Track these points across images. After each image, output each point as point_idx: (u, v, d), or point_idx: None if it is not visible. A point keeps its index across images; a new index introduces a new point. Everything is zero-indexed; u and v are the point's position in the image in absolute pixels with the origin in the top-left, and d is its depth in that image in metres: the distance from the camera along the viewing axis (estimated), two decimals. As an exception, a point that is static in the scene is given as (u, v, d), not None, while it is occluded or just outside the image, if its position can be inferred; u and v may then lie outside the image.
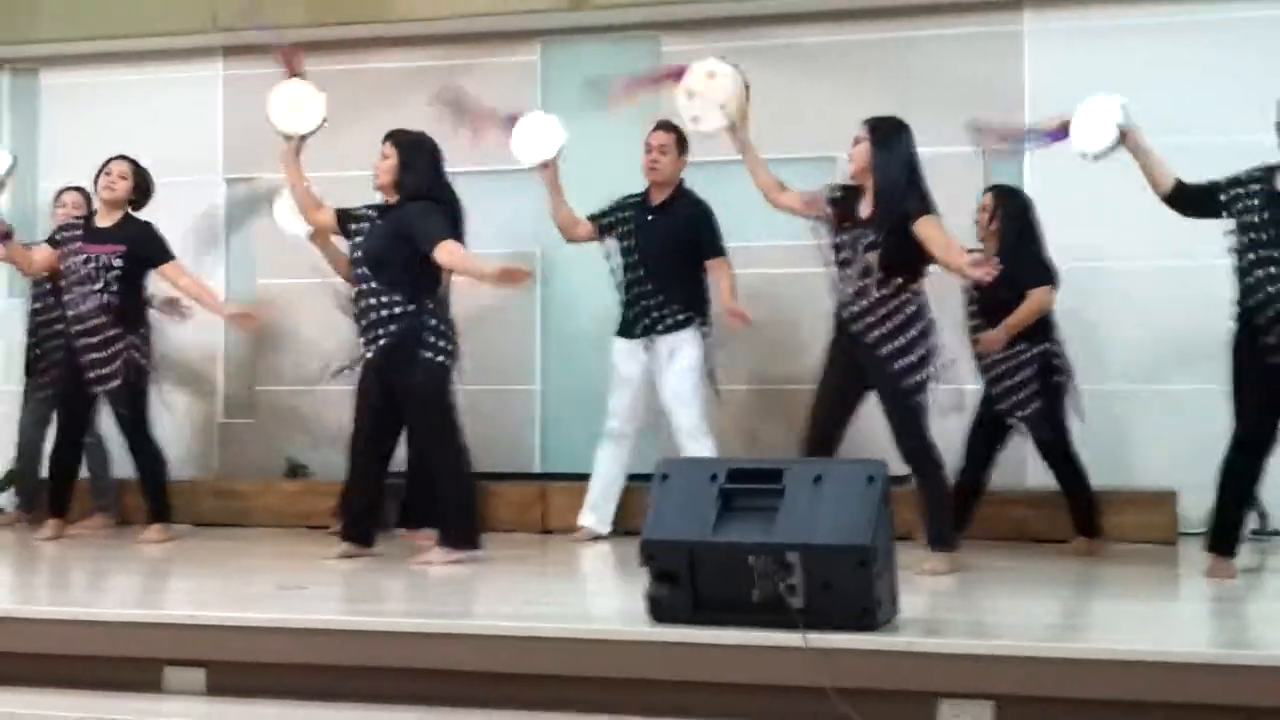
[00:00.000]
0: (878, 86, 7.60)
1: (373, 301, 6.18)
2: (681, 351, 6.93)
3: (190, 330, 7.88)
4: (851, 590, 4.13)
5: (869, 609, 4.14)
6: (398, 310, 6.14)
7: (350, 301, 6.42)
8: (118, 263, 7.06)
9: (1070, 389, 6.62)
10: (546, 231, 8.00)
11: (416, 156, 6.35)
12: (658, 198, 7.10)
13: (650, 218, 7.06)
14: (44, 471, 7.53)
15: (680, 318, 6.95)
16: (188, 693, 4.43)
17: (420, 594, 5.49)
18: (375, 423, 6.24)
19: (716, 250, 7.02)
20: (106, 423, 7.42)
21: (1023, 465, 7.16)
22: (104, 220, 7.24)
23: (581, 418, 7.93)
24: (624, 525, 7.06)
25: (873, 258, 5.77)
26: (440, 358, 6.16)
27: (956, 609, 5.05)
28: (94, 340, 7.00)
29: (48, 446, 7.51)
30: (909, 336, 5.77)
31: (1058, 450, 6.63)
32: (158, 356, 7.29)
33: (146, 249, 7.16)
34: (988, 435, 6.65)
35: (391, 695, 4.32)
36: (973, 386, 6.68)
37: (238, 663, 4.44)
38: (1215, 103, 7.13)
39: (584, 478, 7.64)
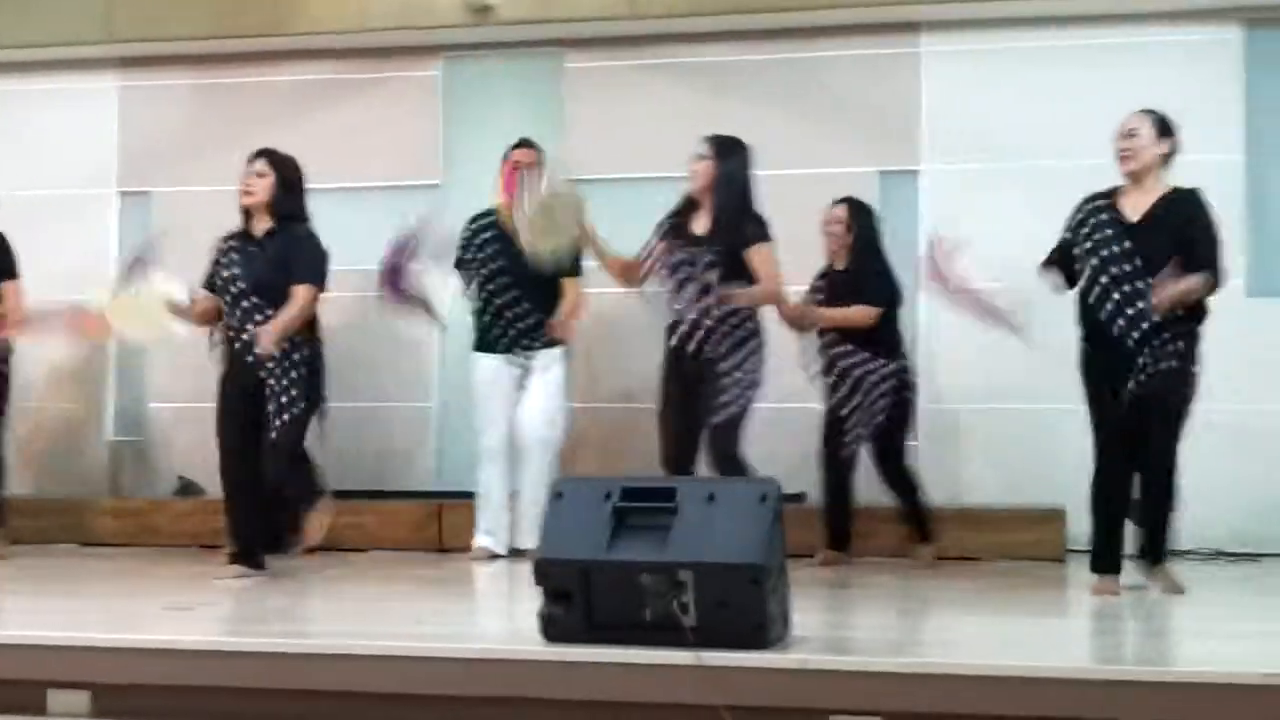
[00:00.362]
0: (779, 104, 7.69)
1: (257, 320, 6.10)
2: (553, 369, 6.97)
3: (80, 345, 7.78)
4: (744, 608, 4.13)
5: (761, 626, 4.15)
6: (297, 338, 6.07)
7: (225, 331, 6.25)
8: None
9: (915, 406, 6.85)
10: (445, 248, 7.99)
11: (294, 178, 6.27)
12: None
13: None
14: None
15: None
16: (72, 715, 4.34)
17: (310, 614, 5.44)
18: (247, 441, 6.14)
19: (577, 270, 7.00)
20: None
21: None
22: None
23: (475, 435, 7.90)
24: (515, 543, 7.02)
25: (713, 275, 5.85)
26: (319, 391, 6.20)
27: (848, 626, 5.09)
28: None
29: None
30: (746, 352, 5.91)
31: (893, 463, 6.77)
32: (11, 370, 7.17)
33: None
34: (835, 444, 6.75)
35: (280, 717, 4.25)
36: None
37: (123, 685, 4.35)
38: (1110, 124, 7.26)
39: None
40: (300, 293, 6.08)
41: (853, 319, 6.65)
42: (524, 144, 7.11)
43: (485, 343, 7.07)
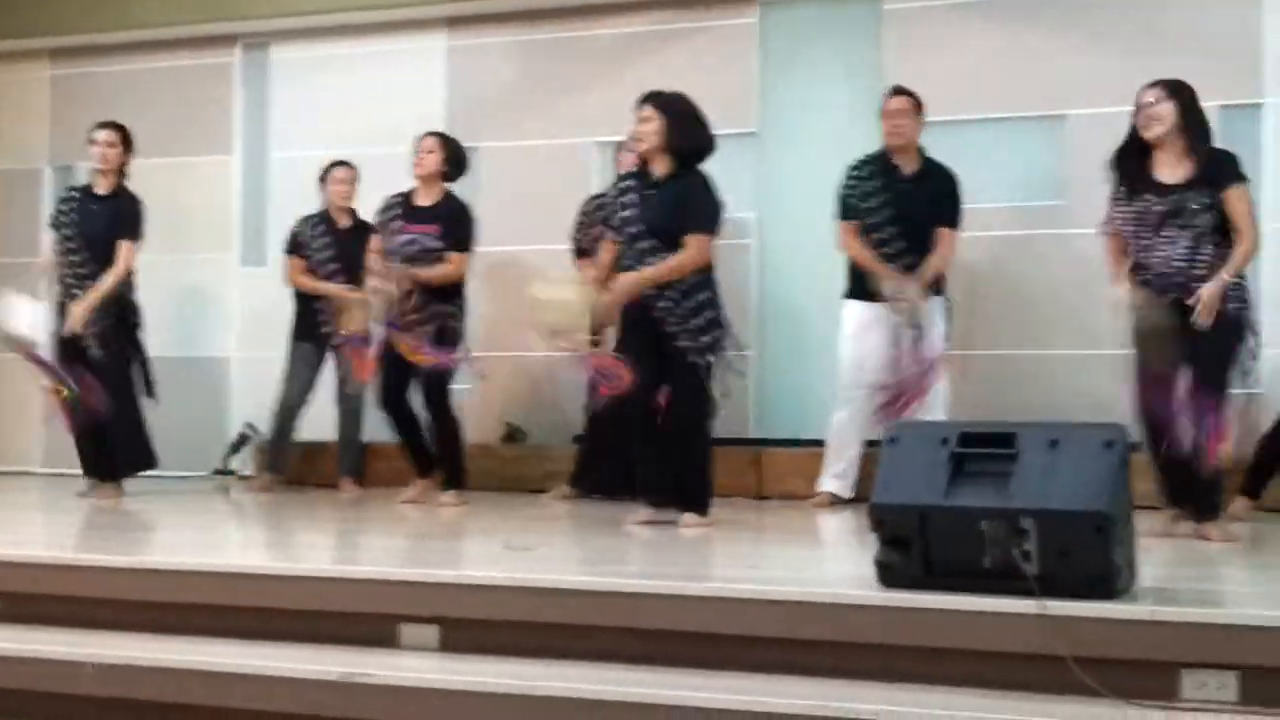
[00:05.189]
0: (1107, 39, 7.40)
1: (651, 261, 6.00)
2: (934, 319, 6.81)
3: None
4: (1089, 557, 4.02)
5: (1107, 577, 4.03)
6: (694, 279, 5.99)
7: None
8: (436, 243, 7.20)
9: None
10: (762, 195, 8.00)
11: (684, 118, 6.10)
12: (907, 163, 6.95)
13: (903, 184, 6.90)
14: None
15: (935, 286, 6.82)
16: (422, 648, 4.53)
17: (645, 555, 5.52)
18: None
19: (954, 220, 6.91)
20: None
21: None
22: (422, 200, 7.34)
23: (796, 382, 7.89)
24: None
25: (1205, 221, 5.59)
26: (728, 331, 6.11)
27: (1197, 578, 4.88)
28: None
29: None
30: (1240, 310, 5.61)
31: None
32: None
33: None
34: None
35: (618, 655, 4.34)
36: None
37: (470, 620, 4.52)
38: None
39: (799, 443, 7.62)
40: (693, 242, 5.95)
41: None
42: (897, 92, 7.00)
43: (862, 289, 6.91)
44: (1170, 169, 5.69)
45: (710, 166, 7.40)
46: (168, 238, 8.21)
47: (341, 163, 8.06)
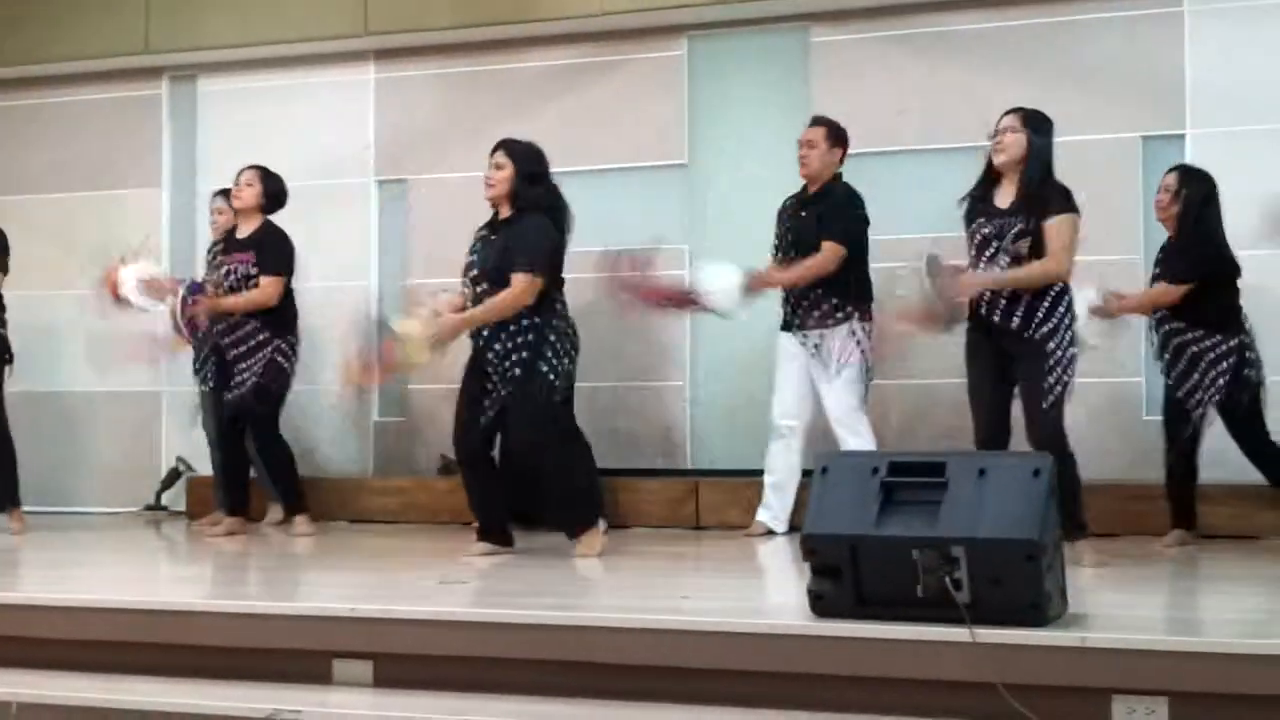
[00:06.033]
0: (1032, 72, 7.49)
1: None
2: (837, 346, 6.85)
3: (343, 330, 8.03)
4: (1020, 585, 4.06)
5: (1038, 604, 4.07)
6: (524, 322, 6.11)
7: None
8: (254, 270, 7.25)
9: (1260, 382, 6.45)
10: (694, 227, 8.02)
11: (534, 168, 6.23)
12: (810, 191, 7.04)
13: (804, 211, 6.97)
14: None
15: (839, 314, 6.88)
16: (356, 684, 4.50)
17: (581, 589, 5.52)
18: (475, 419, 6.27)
19: (836, 233, 6.89)
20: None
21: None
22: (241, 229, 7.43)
23: (731, 413, 7.91)
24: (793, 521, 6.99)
25: (1023, 246, 5.68)
26: (552, 369, 6.15)
27: (1129, 604, 4.94)
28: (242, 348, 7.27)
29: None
30: (1057, 324, 5.67)
31: (1252, 444, 6.45)
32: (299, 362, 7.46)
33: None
34: (1177, 424, 6.46)
35: (552, 688, 4.33)
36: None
37: (404, 655, 4.50)
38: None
39: (734, 474, 7.64)
40: (515, 281, 6.08)
41: (1157, 300, 6.38)
42: (812, 123, 7.05)
43: (783, 319, 7.03)
44: (1006, 196, 5.80)
45: (642, 198, 7.47)
46: (96, 272, 8.11)
47: (221, 192, 7.96)
